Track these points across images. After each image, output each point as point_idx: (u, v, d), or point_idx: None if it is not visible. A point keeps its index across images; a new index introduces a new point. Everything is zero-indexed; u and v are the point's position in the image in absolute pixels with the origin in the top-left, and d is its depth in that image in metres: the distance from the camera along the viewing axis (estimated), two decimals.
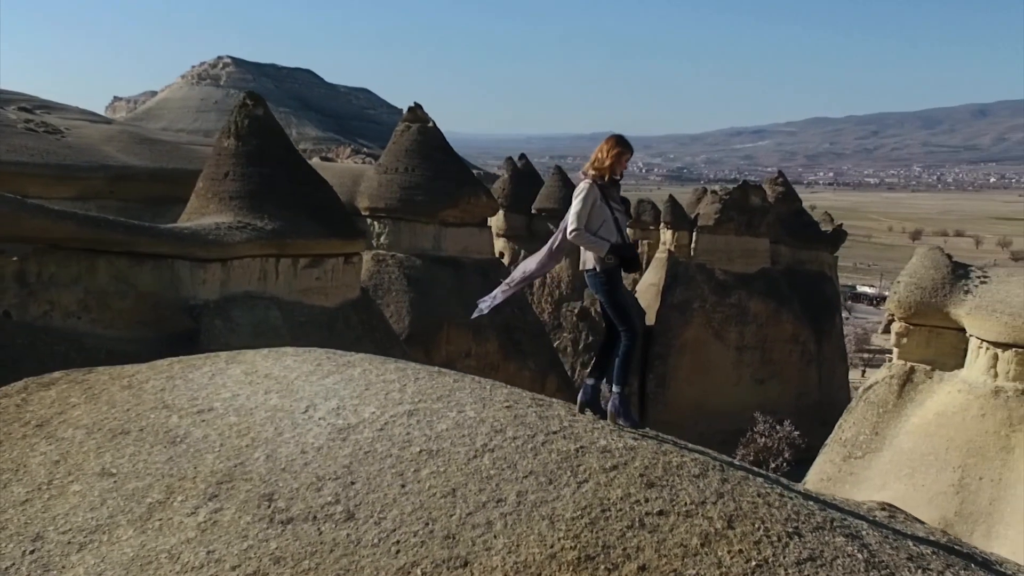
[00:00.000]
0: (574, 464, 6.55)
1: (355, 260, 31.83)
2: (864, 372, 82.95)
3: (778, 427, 47.94)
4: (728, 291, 59.84)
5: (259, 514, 6.32)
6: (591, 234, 7.47)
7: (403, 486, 6.41)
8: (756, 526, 5.93)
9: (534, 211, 63.27)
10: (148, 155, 43.70)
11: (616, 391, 7.60)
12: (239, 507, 6.42)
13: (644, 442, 6.99)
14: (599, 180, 7.55)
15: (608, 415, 7.57)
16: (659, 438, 7.33)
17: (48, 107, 49.61)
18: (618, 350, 7.64)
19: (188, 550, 6.10)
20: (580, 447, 6.77)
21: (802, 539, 5.89)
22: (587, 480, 6.35)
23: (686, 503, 6.14)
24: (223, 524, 6.28)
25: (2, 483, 7.21)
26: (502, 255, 58.99)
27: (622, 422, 7.48)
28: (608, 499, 6.15)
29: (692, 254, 60.30)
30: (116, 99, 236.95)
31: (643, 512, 6.03)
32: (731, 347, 59.65)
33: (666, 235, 61.29)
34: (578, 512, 6.03)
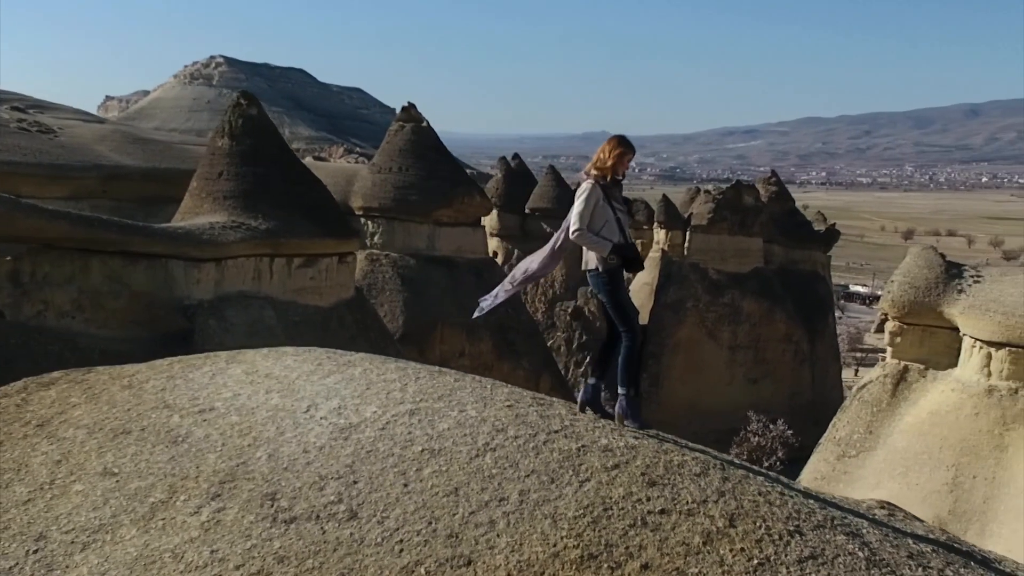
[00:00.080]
0: (576, 463, 6.56)
1: (349, 260, 31.80)
2: (857, 371, 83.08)
3: (771, 426, 48.05)
4: (721, 290, 59.93)
5: (262, 513, 6.32)
6: (593, 234, 7.48)
7: (405, 485, 6.42)
8: (757, 525, 5.94)
9: (528, 211, 63.30)
10: (141, 155, 43.58)
11: (622, 393, 7.60)
12: (242, 506, 6.43)
13: (645, 441, 7.01)
14: (601, 180, 7.56)
15: (616, 417, 7.58)
16: (660, 437, 7.34)
17: (41, 106, 49.45)
18: (619, 351, 7.66)
19: (192, 549, 6.10)
20: (582, 446, 6.78)
21: (803, 537, 5.91)
22: (589, 479, 6.36)
23: (688, 502, 6.16)
24: (226, 523, 6.28)
25: (4, 483, 7.20)
26: (496, 255, 58.99)
27: (629, 424, 7.50)
28: (610, 498, 6.17)
29: (685, 253, 60.37)
30: (108, 98, 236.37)
31: (645, 511, 6.04)
32: (724, 346, 59.73)
33: (659, 234, 61.34)
34: (580, 511, 6.04)
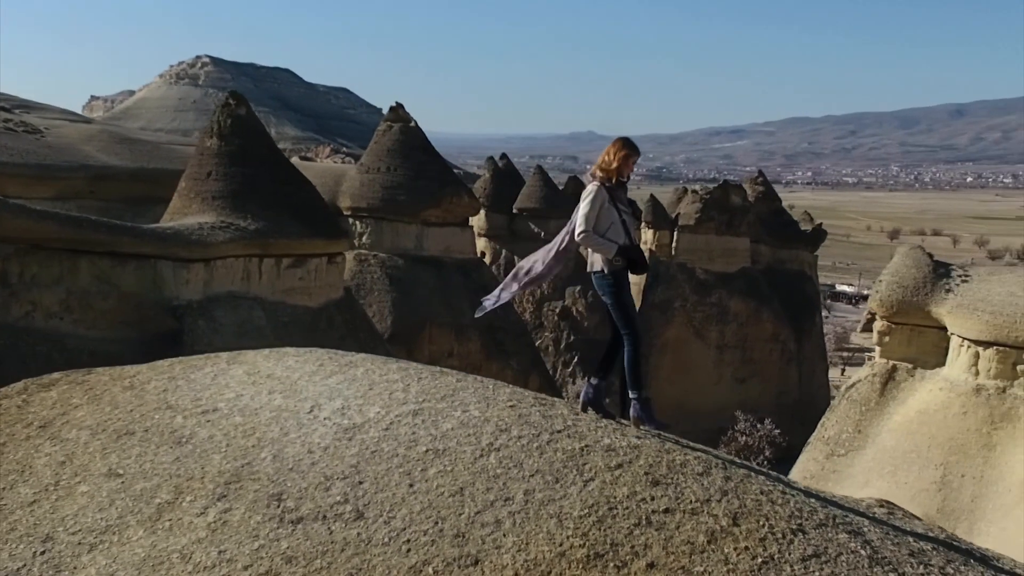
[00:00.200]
0: (579, 463, 6.60)
1: (338, 260, 31.76)
2: (844, 370, 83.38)
3: (759, 426, 48.23)
4: (709, 290, 60.10)
5: (269, 514, 6.33)
6: (599, 236, 7.51)
7: (411, 485, 6.44)
8: (761, 523, 5.99)
9: (515, 211, 63.34)
10: (128, 155, 43.47)
11: (634, 397, 7.64)
12: (248, 507, 6.44)
13: (647, 440, 7.05)
14: (607, 182, 7.59)
15: (632, 422, 7.61)
16: (661, 436, 7.39)
17: (27, 106, 49.27)
18: (622, 353, 7.70)
19: (200, 550, 6.11)
20: (585, 446, 6.81)
21: (806, 536, 5.95)
22: (593, 479, 6.40)
23: (691, 501, 6.20)
24: (233, 524, 6.30)
25: (8, 484, 7.19)
26: (483, 255, 59.01)
27: (646, 428, 7.53)
28: (614, 497, 6.20)
29: (673, 253, 60.52)
30: (93, 98, 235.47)
31: (649, 510, 6.08)
32: (712, 346, 59.90)
33: (647, 234, 61.47)
34: (585, 510, 6.08)
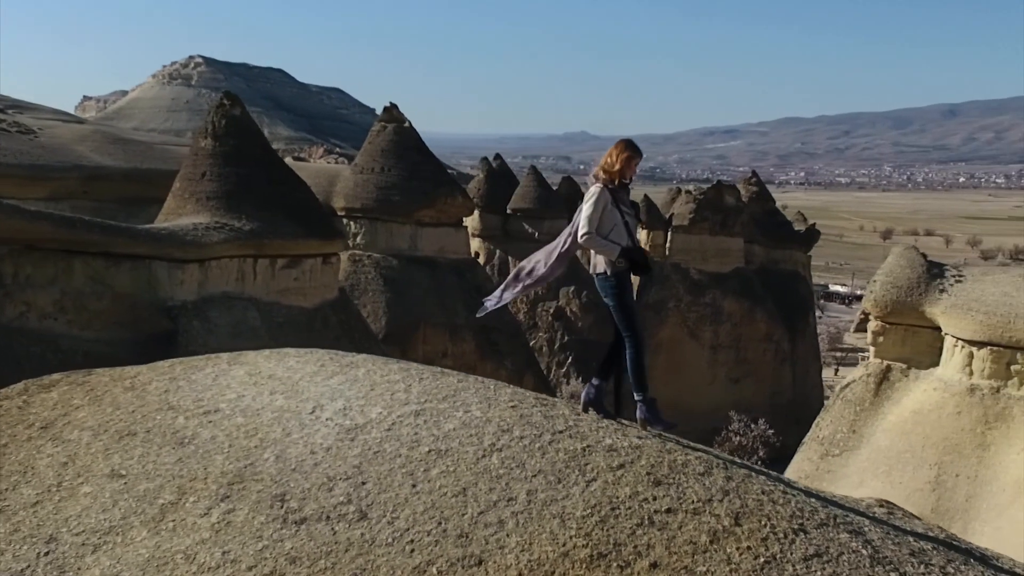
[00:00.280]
0: (581, 463, 6.61)
1: (333, 260, 31.81)
2: (837, 370, 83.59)
3: (752, 426, 48.33)
4: (702, 290, 60.22)
5: (272, 514, 6.34)
6: (602, 238, 7.53)
7: (414, 486, 6.45)
8: (763, 523, 6.01)
9: (509, 211, 63.38)
10: (122, 155, 43.48)
11: (639, 398, 7.66)
12: (252, 507, 6.44)
13: (649, 441, 7.07)
14: (609, 184, 7.61)
15: (640, 423, 7.63)
16: (663, 436, 7.41)
17: (20, 107, 49.20)
18: (625, 356, 7.72)
19: (204, 551, 6.12)
20: (587, 446, 6.83)
21: (808, 536, 5.97)
22: (595, 479, 6.41)
23: (693, 501, 6.22)
24: (237, 524, 6.30)
25: (11, 485, 7.19)
26: (477, 255, 59.04)
27: (653, 428, 7.55)
28: (617, 497, 6.22)
29: (667, 253, 60.62)
30: (86, 98, 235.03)
31: (652, 510, 6.10)
32: (706, 346, 60.02)
33: (641, 235, 61.53)
34: (588, 510, 6.09)
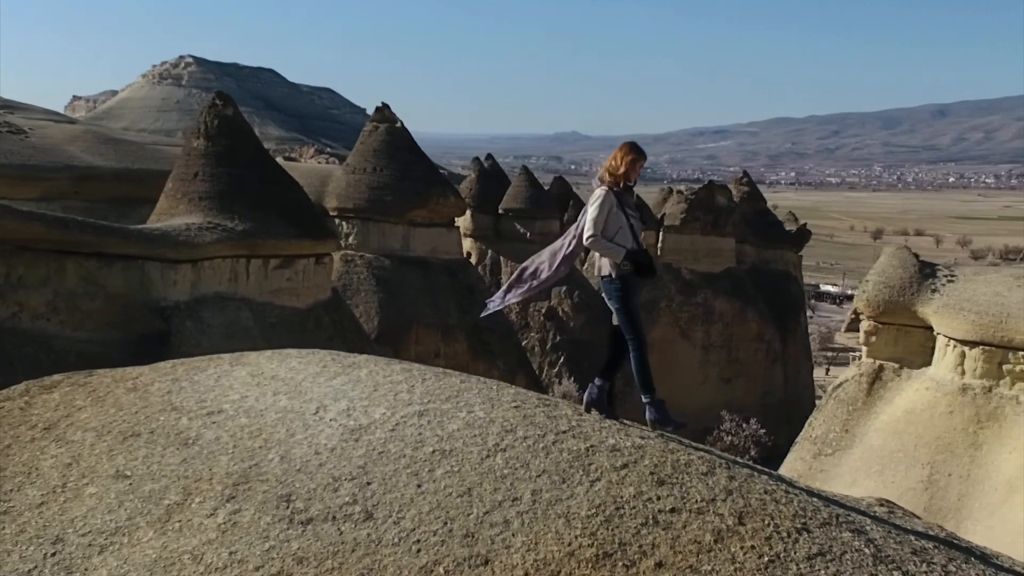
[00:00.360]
0: (585, 463, 6.64)
1: (326, 261, 31.80)
2: (828, 370, 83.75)
3: (744, 425, 48.48)
4: (694, 290, 60.32)
5: (278, 515, 6.35)
6: (607, 240, 7.56)
7: (419, 486, 6.47)
8: (766, 522, 6.04)
9: (501, 211, 63.39)
10: (113, 155, 43.42)
11: (646, 400, 7.69)
12: (258, 508, 6.46)
13: (652, 440, 7.10)
14: (615, 187, 7.64)
15: (649, 425, 7.66)
16: (665, 436, 7.44)
17: (11, 107, 49.10)
18: (627, 358, 7.76)
19: (211, 551, 6.13)
20: (590, 446, 6.86)
21: (811, 535, 6.00)
22: (599, 479, 6.44)
23: (697, 500, 6.24)
24: (243, 525, 6.31)
25: (15, 486, 7.19)
26: (469, 255, 59.05)
27: (664, 429, 7.59)
28: (621, 497, 6.24)
29: (659, 253, 60.67)
30: (75, 98, 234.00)
31: (656, 509, 6.12)
32: (697, 346, 60.14)
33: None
34: (593, 510, 6.12)
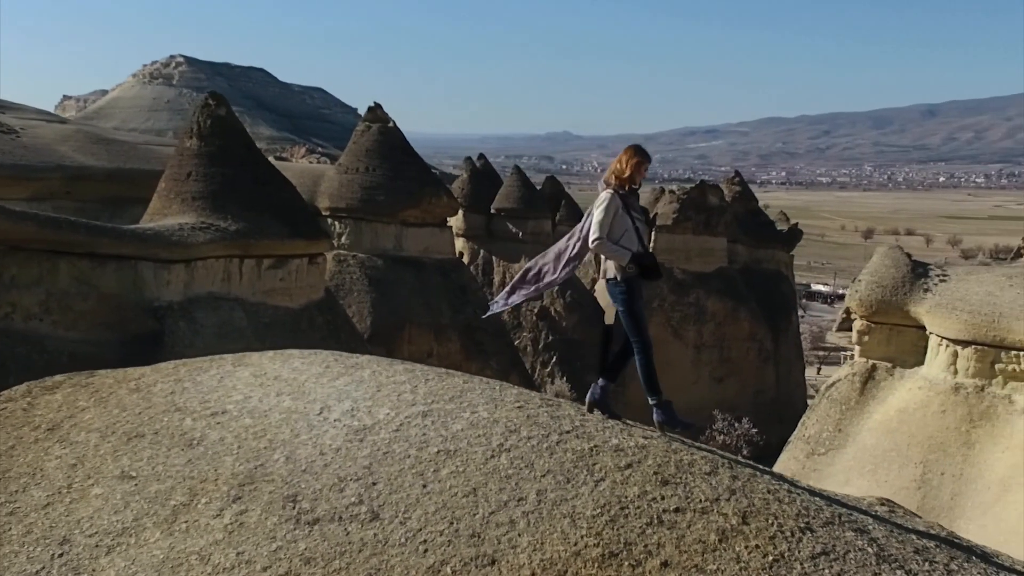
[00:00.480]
0: (589, 463, 6.67)
1: (319, 261, 31.74)
2: (819, 370, 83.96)
3: (736, 424, 48.59)
4: (686, 290, 60.34)
5: (285, 515, 6.37)
6: (613, 243, 7.59)
7: (424, 486, 6.49)
8: (770, 522, 6.07)
9: (493, 211, 63.39)
10: (105, 155, 43.29)
11: (653, 402, 7.72)
12: (264, 508, 6.47)
13: (654, 441, 7.13)
14: (620, 190, 7.68)
15: (657, 427, 7.69)
16: (668, 436, 7.48)
17: (2, 106, 48.89)
18: (632, 360, 7.79)
19: (218, 551, 6.14)
20: (594, 446, 6.89)
21: (814, 534, 6.04)
22: (604, 479, 6.47)
23: (701, 500, 6.28)
24: (250, 525, 6.32)
25: (21, 487, 7.18)
26: (461, 255, 59.03)
27: (671, 431, 7.62)
28: (626, 497, 6.28)
29: None
30: (66, 98, 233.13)
31: (660, 509, 6.16)
32: (690, 346, 60.15)
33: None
34: (598, 510, 6.15)
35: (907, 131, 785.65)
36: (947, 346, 22.30)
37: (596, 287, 59.17)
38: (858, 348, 24.95)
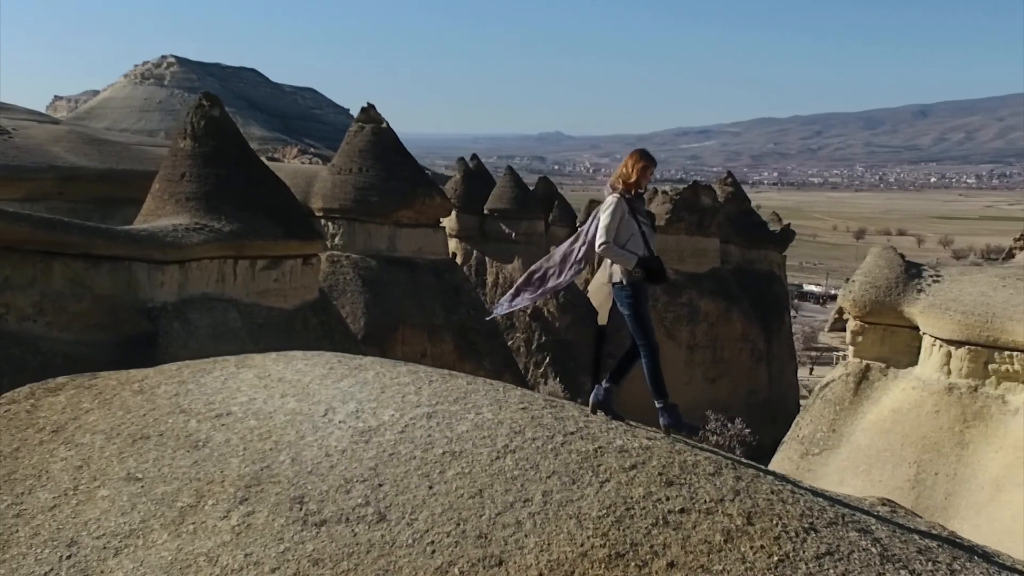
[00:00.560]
0: (594, 464, 6.69)
1: (313, 261, 31.72)
2: (812, 370, 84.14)
3: (729, 425, 48.60)
4: (679, 291, 60.37)
5: (292, 516, 6.38)
6: (619, 247, 7.63)
7: (430, 487, 6.51)
8: (774, 522, 6.10)
9: (486, 211, 63.43)
10: (97, 156, 43.21)
11: (659, 406, 7.76)
12: (271, 510, 6.48)
13: (658, 442, 7.16)
14: (626, 194, 7.72)
15: (664, 430, 7.71)
16: (671, 437, 7.51)
17: None
18: (638, 363, 7.83)
19: (226, 553, 6.15)
20: (598, 447, 6.91)
21: (818, 534, 6.07)
22: (609, 479, 6.49)
23: (705, 501, 6.31)
24: (257, 527, 6.34)
25: (27, 489, 7.19)
26: (454, 255, 59.04)
27: (678, 434, 7.65)
28: (631, 497, 6.30)
29: None
30: (57, 98, 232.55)
31: (666, 510, 6.18)
32: (683, 346, 60.19)
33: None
34: (603, 511, 6.17)
35: (899, 132, 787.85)
36: (941, 346, 22.37)
37: (589, 288, 59.27)
38: (852, 348, 24.99)
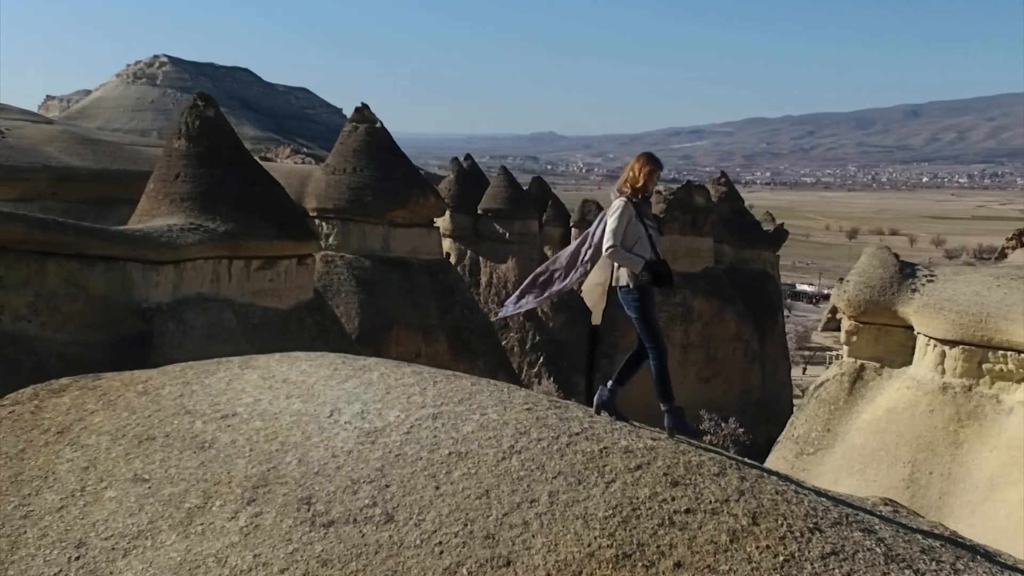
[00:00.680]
0: (600, 464, 6.72)
1: (308, 261, 31.68)
2: (805, 369, 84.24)
3: (723, 424, 48.71)
4: (673, 290, 60.42)
5: (300, 517, 6.40)
6: (626, 251, 7.65)
7: (437, 488, 6.53)
8: (779, 522, 6.13)
9: (480, 211, 63.40)
10: (91, 156, 43.14)
11: (665, 408, 7.79)
12: (279, 511, 6.50)
13: (662, 442, 7.19)
14: (633, 198, 7.74)
15: (668, 432, 7.74)
16: (675, 438, 7.53)
17: None
18: (645, 365, 7.85)
19: (235, 554, 6.16)
20: (603, 448, 6.94)
21: (823, 534, 6.10)
22: (614, 480, 6.52)
23: (711, 501, 6.33)
24: (265, 528, 6.35)
25: (33, 490, 7.19)
26: (448, 255, 59.01)
27: (682, 438, 7.68)
28: (637, 498, 6.33)
29: None
30: (49, 98, 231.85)
31: (671, 510, 6.21)
32: (676, 346, 60.17)
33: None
34: (610, 511, 6.20)
35: (891, 131, 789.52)
36: (935, 346, 22.42)
37: (583, 289, 59.26)
38: (846, 348, 25.05)
